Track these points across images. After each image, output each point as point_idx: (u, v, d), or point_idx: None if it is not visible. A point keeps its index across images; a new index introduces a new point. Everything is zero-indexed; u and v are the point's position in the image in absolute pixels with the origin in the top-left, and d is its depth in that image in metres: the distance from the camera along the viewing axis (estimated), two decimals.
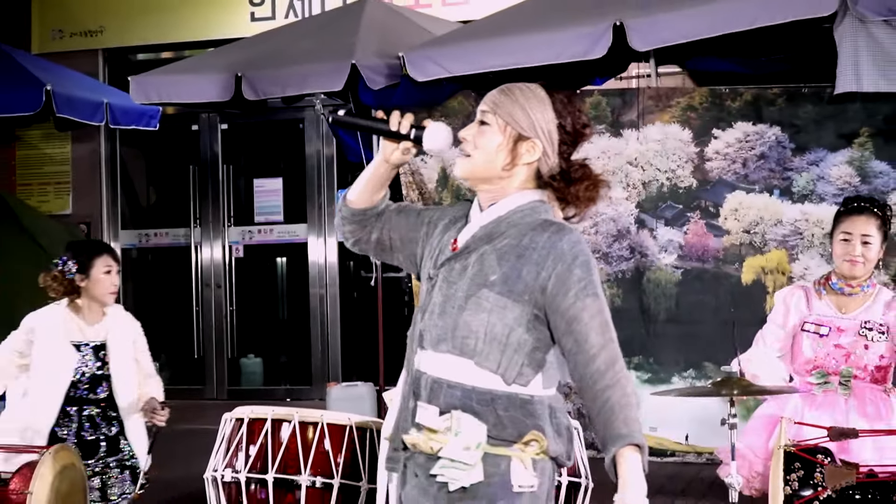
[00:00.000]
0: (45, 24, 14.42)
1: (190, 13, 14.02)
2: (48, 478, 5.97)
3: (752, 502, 5.50)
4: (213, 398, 14.07)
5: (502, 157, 3.71)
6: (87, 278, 6.54)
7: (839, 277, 5.73)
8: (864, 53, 7.43)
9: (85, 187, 14.51)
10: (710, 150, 9.51)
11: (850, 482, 5.23)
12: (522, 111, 3.77)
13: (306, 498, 5.57)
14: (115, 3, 14.27)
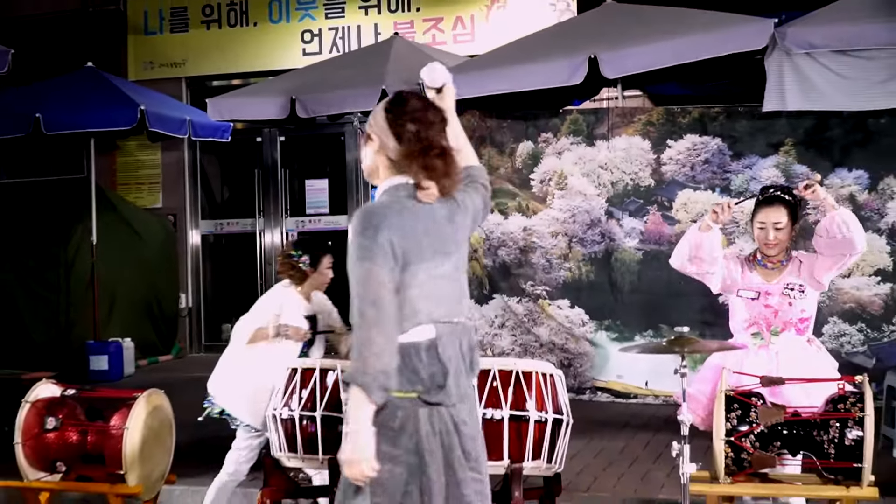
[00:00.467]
0: (139, 58, 14.33)
1: (254, 49, 13.95)
2: (142, 416, 5.90)
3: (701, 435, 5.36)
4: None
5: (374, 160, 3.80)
6: (315, 270, 6.55)
7: (762, 255, 5.65)
8: (788, 79, 7.34)
9: (172, 186, 14.44)
10: (665, 156, 9.45)
11: (778, 420, 5.19)
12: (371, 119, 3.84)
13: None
14: (194, 41, 14.16)
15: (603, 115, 10.00)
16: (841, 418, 5.09)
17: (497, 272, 9.92)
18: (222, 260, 14.95)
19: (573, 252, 9.83)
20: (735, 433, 5.19)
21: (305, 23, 13.66)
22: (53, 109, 11.22)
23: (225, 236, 14.83)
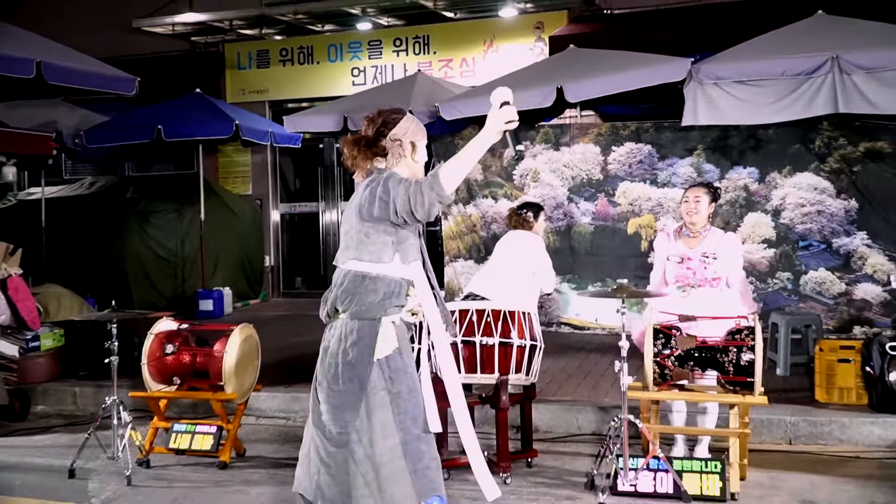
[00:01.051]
0: (234, 86, 14.30)
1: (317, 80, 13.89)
2: (237, 342, 5.91)
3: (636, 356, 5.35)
4: None
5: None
6: (535, 223, 6.54)
7: (686, 227, 5.59)
8: (700, 102, 7.31)
9: (258, 179, 14.43)
10: (610, 158, 9.41)
11: (692, 346, 5.21)
12: None
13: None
14: (274, 74, 14.12)
15: (566, 129, 9.98)
16: (738, 345, 5.09)
17: (490, 241, 9.89)
18: (294, 232, 14.95)
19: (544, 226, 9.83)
20: (660, 355, 5.21)
21: (354, 62, 13.67)
22: (171, 122, 11.22)
23: (297, 215, 14.82)
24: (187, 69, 13.94)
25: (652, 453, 5.10)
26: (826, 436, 6.14)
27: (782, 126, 8.12)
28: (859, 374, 6.49)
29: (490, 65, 12.64)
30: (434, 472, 3.53)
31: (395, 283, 3.55)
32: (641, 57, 8.31)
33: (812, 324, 7.87)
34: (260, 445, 6.39)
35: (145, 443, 5.89)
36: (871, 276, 8.45)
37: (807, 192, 8.67)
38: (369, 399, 3.46)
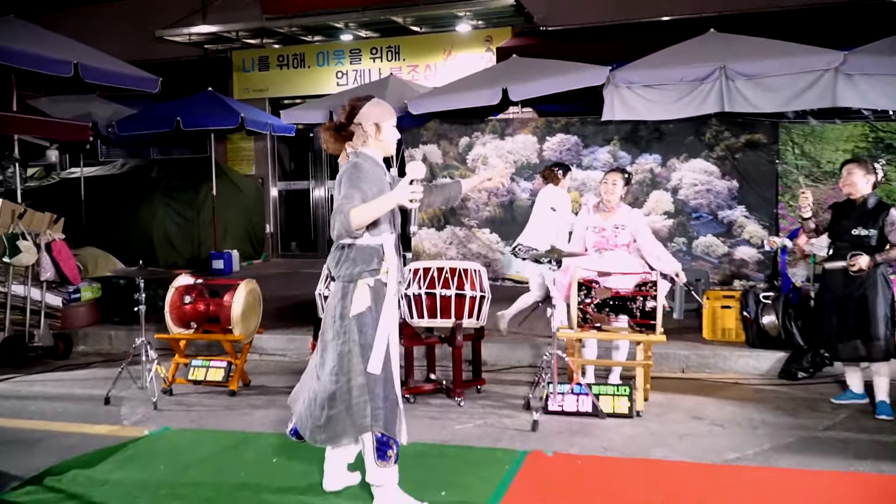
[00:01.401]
0: (240, 86, 14.00)
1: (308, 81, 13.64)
2: (242, 294, 5.84)
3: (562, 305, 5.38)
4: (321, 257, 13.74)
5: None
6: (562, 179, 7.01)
7: (602, 203, 5.58)
8: (616, 102, 7.31)
9: (260, 162, 14.19)
10: (545, 146, 9.39)
11: (608, 296, 5.21)
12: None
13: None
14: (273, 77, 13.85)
15: (510, 122, 9.92)
16: (643, 295, 5.13)
17: (447, 212, 9.89)
18: (289, 205, 14.78)
19: (491, 201, 9.78)
20: (583, 303, 5.22)
21: (338, 66, 13.48)
22: (188, 115, 11.02)
23: (291, 191, 14.62)
24: (201, 71, 13.71)
25: (575, 380, 5.15)
26: (711, 366, 6.24)
27: (680, 121, 8.15)
28: (738, 318, 6.59)
29: (449, 70, 12.56)
30: (386, 411, 3.45)
31: (367, 251, 3.48)
32: (570, 65, 8.26)
33: (702, 278, 7.96)
34: (262, 377, 6.35)
35: (168, 375, 5.84)
36: (748, 241, 8.57)
37: (699, 174, 8.74)
38: (347, 346, 3.44)
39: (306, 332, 7.16)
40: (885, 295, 4.95)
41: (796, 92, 6.74)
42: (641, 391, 5.20)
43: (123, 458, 4.37)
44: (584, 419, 4.97)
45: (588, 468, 4.11)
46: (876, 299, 4.92)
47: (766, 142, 8.48)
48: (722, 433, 4.74)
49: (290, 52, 13.80)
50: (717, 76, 6.87)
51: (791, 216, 8.32)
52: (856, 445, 4.46)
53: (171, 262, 11.78)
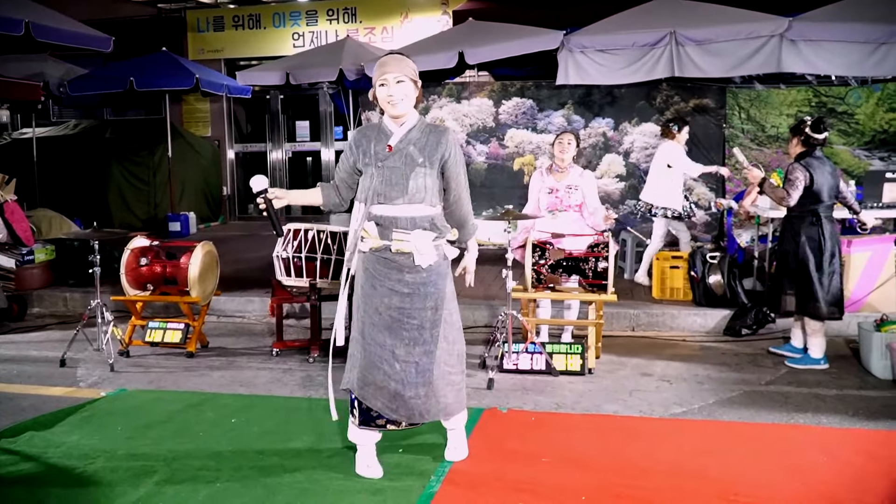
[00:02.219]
0: (195, 46, 13.73)
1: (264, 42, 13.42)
2: (199, 256, 5.72)
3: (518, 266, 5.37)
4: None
5: (414, 94, 3.31)
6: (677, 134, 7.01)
7: (556, 165, 5.55)
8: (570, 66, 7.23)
9: (217, 123, 13.96)
10: (501, 110, 9.33)
11: (561, 257, 5.20)
12: (408, 67, 3.30)
13: (319, 265, 5.42)
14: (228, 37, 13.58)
15: (466, 86, 9.82)
16: (596, 256, 5.14)
17: None
18: (247, 167, 14.57)
19: None
20: (537, 264, 5.22)
21: (294, 28, 13.25)
22: (142, 75, 10.67)
23: (248, 153, 14.43)
24: (155, 31, 13.33)
25: (529, 340, 5.16)
26: (660, 325, 6.32)
27: (632, 86, 8.15)
28: (686, 278, 6.67)
29: (405, 33, 12.39)
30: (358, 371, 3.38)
31: (359, 221, 3.39)
32: (526, 29, 8.18)
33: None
34: (220, 339, 6.26)
35: (125, 337, 5.71)
36: (696, 203, 8.65)
37: (650, 137, 8.77)
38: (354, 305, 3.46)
39: (265, 294, 7.07)
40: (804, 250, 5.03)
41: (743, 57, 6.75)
42: (593, 349, 5.24)
43: (80, 420, 4.27)
44: (538, 377, 5.01)
45: (542, 424, 4.14)
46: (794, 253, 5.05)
47: (713, 106, 8.53)
48: (669, 388, 4.81)
49: (246, 12, 13.45)
50: (667, 41, 6.85)
51: (737, 178, 8.42)
52: (796, 399, 4.56)
53: (126, 223, 11.58)
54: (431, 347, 3.34)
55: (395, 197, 3.28)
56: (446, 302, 3.39)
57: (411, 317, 3.32)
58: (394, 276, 3.33)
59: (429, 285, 3.35)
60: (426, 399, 3.33)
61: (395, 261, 3.33)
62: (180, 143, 12.31)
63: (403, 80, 3.26)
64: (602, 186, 8.85)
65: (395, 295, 3.33)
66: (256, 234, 11.96)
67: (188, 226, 11.75)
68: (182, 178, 12.33)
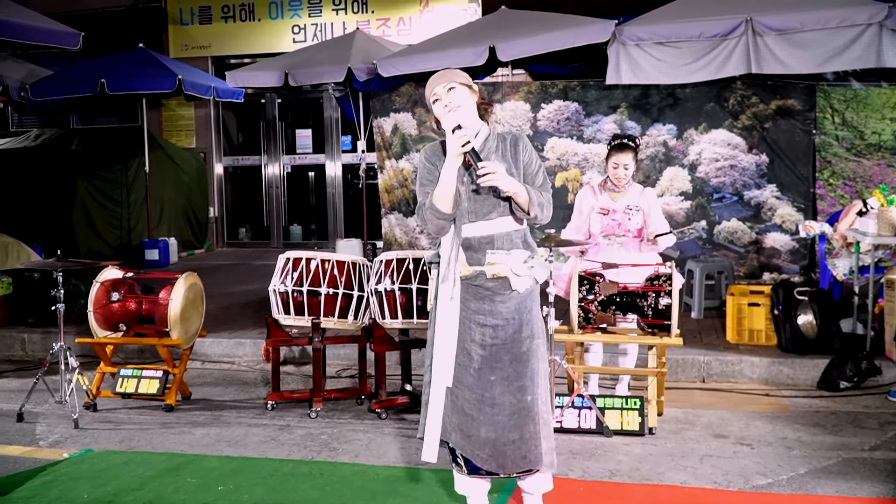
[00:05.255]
0: (178, 42, 13.95)
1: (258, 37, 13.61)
2: (181, 290, 5.78)
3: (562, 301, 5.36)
4: (275, 247, 13.91)
5: (473, 102, 3.53)
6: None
7: (610, 182, 5.53)
8: (623, 62, 7.29)
9: (202, 132, 14.14)
10: (540, 115, 9.31)
11: (614, 292, 5.19)
12: (458, 75, 3.56)
13: (324, 300, 5.45)
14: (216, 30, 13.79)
15: (498, 87, 9.84)
16: (656, 291, 5.11)
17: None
18: (238, 184, 14.76)
19: None
20: (584, 300, 5.21)
21: (294, 20, 13.45)
22: (114, 76, 10.86)
23: (240, 168, 14.63)
24: (130, 24, 13.59)
25: (577, 391, 5.13)
26: (737, 374, 6.25)
27: (698, 85, 8.14)
28: (768, 318, 6.61)
29: (426, 24, 12.52)
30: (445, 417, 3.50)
31: (452, 246, 3.52)
32: (569, 18, 8.24)
33: (724, 270, 8.00)
34: (205, 389, 6.29)
35: (92, 387, 5.75)
36: (780, 226, 8.59)
37: (721, 147, 8.74)
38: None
39: (258, 336, 7.10)
40: None
41: (835, 50, 6.74)
42: (654, 404, 5.19)
43: (40, 485, 4.29)
44: (587, 437, 4.96)
45: (592, 495, 4.09)
46: None
47: (800, 108, 8.49)
48: (750, 454, 4.74)
49: (237, 1, 13.70)
50: (742, 31, 6.86)
51: (831, 197, 8.36)
52: None
53: (95, 251, 11.73)
54: (527, 383, 3.46)
55: (487, 211, 3.47)
56: (540, 332, 3.56)
57: (504, 351, 3.47)
58: (485, 307, 3.48)
59: (523, 312, 3.50)
60: (522, 444, 3.43)
61: (487, 288, 3.47)
62: (159, 156, 12.48)
63: (454, 87, 3.50)
64: (663, 206, 8.81)
65: (487, 329, 3.48)
66: (248, 262, 12.06)
67: (168, 254, 11.87)
68: (161, 198, 12.49)
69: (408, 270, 5.38)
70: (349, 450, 4.86)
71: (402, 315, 5.37)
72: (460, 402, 3.46)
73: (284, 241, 14.17)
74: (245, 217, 14.79)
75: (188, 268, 6.83)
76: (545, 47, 8.02)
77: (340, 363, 6.87)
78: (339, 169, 13.88)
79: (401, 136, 9.82)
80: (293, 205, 14.49)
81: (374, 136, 9.93)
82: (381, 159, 9.90)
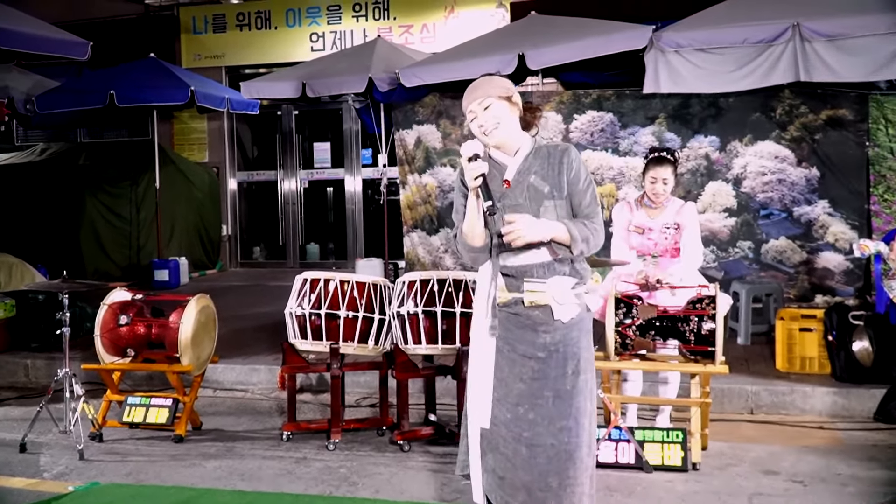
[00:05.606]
0: (190, 51, 14.11)
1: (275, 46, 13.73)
2: (193, 313, 5.81)
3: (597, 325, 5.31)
4: (291, 267, 13.94)
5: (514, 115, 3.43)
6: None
7: (648, 198, 5.50)
8: (662, 70, 7.25)
9: (215, 146, 14.25)
10: (572, 126, 9.32)
11: (653, 315, 5.17)
12: (495, 86, 3.41)
13: (343, 324, 5.45)
14: (231, 39, 13.93)
15: (527, 97, 9.87)
16: (699, 315, 5.07)
17: (445, 211, 9.82)
18: (252, 201, 14.85)
19: None
20: (621, 325, 5.18)
21: (313, 27, 13.55)
22: (124, 88, 10.98)
23: (254, 183, 14.72)
24: (141, 33, 13.78)
25: (613, 423, 5.08)
26: (788, 405, 6.18)
27: (743, 94, 8.09)
28: (821, 344, 6.54)
29: (451, 31, 12.58)
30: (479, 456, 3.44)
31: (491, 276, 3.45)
32: (603, 24, 8.24)
33: (773, 293, 7.93)
34: (217, 418, 6.30)
35: (98, 416, 5.78)
36: (833, 245, 8.50)
37: (767, 160, 8.68)
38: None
39: (273, 362, 7.11)
40: None
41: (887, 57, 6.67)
42: (698, 437, 5.14)
43: None
44: (625, 473, 4.91)
45: None
46: None
47: (852, 119, 8.42)
48: (802, 492, 4.68)
49: (253, 8, 13.82)
50: (788, 36, 6.82)
51: (886, 213, 8.27)
52: None
53: (102, 272, 11.80)
54: (570, 424, 3.34)
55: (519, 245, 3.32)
56: (588, 365, 3.43)
57: (546, 387, 3.35)
58: (527, 337, 3.38)
59: (569, 344, 3.38)
60: (561, 492, 3.32)
61: (528, 317, 3.38)
62: (170, 171, 12.60)
63: (491, 103, 3.39)
64: (706, 223, 8.77)
65: (528, 361, 3.37)
66: (262, 284, 12.11)
67: (178, 275, 11.96)
68: (172, 215, 12.59)
69: (432, 292, 5.36)
70: (370, 484, 4.84)
71: (425, 340, 5.35)
72: (495, 439, 3.36)
73: (301, 261, 14.21)
74: (260, 235, 14.87)
75: (200, 289, 6.87)
76: (578, 55, 8.01)
77: (360, 391, 6.86)
78: (359, 184, 13.93)
79: (424, 149, 9.84)
80: (310, 222, 14.55)
81: (396, 150, 9.96)
82: (404, 174, 9.92)
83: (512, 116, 3.42)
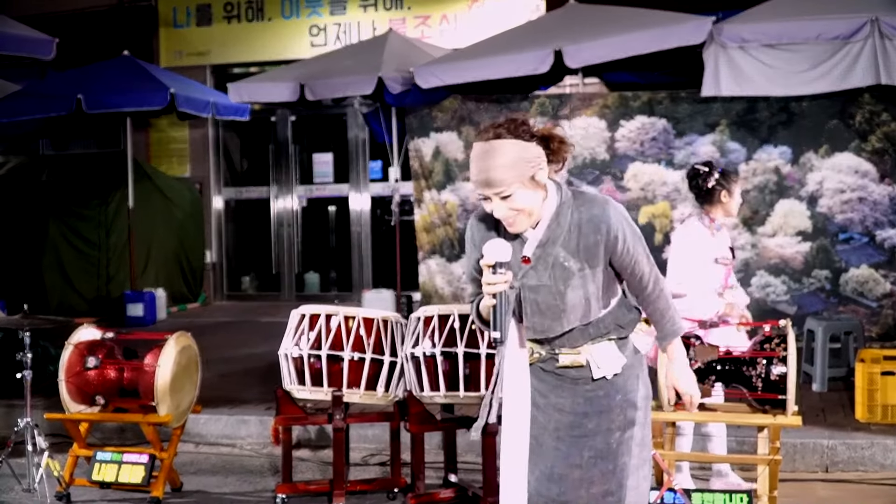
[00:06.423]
0: (169, 48, 14.24)
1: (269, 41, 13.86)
2: (171, 354, 5.82)
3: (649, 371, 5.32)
4: (286, 300, 13.94)
5: (538, 196, 3.14)
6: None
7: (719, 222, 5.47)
8: (723, 69, 7.32)
9: (198, 158, 14.35)
10: (619, 134, 9.37)
11: (713, 357, 5.15)
12: (514, 166, 3.10)
13: (348, 367, 5.44)
14: (217, 33, 14.06)
15: (566, 99, 9.92)
16: (767, 356, 5.07)
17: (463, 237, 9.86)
18: (241, 222, 14.91)
19: None
20: None
21: (313, 19, 13.60)
22: (94, 92, 11.08)
23: (244, 201, 14.81)
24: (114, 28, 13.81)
25: (667, 485, 5.07)
26: (867, 461, 6.16)
27: (818, 98, 8.12)
28: None
29: (475, 23, 12.60)
30: None
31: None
32: (654, 15, 8.30)
33: (853, 330, 7.89)
34: (200, 478, 6.33)
35: (65, 473, 5.81)
36: None
37: (847, 175, 8.68)
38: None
39: (265, 412, 7.13)
40: None
41: None
42: (766, 500, 5.13)
43: None
44: None
45: None
46: None
47: None
48: None
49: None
50: (867, 33, 6.87)
51: None
52: None
53: (67, 305, 11.84)
54: (612, 487, 3.24)
55: (549, 327, 3.23)
56: (639, 414, 3.32)
57: (587, 446, 3.27)
58: (566, 387, 3.30)
59: (615, 393, 3.29)
60: None
61: (565, 374, 3.30)
62: (146, 188, 12.67)
63: (511, 193, 3.10)
64: (776, 249, 8.79)
65: (566, 415, 3.30)
66: (253, 320, 12.16)
67: (154, 309, 12.03)
68: (147, 240, 12.63)
69: (452, 330, 5.36)
70: None
71: (444, 386, 5.34)
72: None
73: (298, 293, 14.20)
74: (250, 263, 14.90)
75: (180, 326, 6.90)
76: (624, 51, 8.07)
77: (368, 447, 6.87)
78: (367, 202, 13.99)
79: (443, 161, 9.88)
80: (309, 247, 14.58)
81: (411, 162, 10.00)
82: (419, 190, 9.96)
83: (538, 193, 3.16)
